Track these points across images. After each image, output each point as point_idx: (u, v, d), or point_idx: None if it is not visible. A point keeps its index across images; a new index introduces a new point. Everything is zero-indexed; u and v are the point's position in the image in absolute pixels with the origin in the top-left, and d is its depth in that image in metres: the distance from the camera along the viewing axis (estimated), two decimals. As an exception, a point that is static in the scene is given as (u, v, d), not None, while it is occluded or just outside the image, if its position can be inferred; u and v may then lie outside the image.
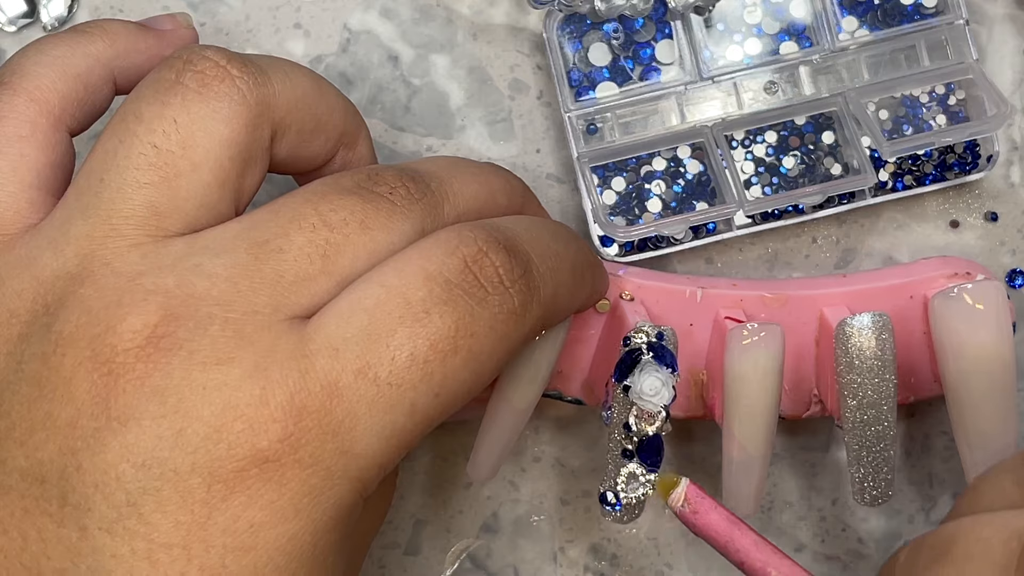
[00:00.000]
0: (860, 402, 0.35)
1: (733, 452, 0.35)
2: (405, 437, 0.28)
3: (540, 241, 0.31)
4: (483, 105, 0.40)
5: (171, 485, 0.26)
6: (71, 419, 0.27)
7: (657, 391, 0.34)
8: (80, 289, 0.28)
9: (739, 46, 0.39)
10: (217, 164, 0.30)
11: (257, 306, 0.28)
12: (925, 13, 0.39)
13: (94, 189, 0.29)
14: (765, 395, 0.35)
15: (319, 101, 0.32)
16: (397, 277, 0.28)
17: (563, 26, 0.39)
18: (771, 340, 0.35)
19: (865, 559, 0.41)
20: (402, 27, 0.40)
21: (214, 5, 0.40)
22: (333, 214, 0.29)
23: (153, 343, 0.27)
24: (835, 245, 0.40)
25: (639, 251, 0.39)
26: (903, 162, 0.39)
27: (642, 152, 0.39)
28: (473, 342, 0.28)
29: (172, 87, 0.30)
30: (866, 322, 0.35)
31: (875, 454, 0.35)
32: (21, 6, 0.40)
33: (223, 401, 0.27)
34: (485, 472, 0.36)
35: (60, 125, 0.32)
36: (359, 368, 0.27)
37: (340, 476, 0.27)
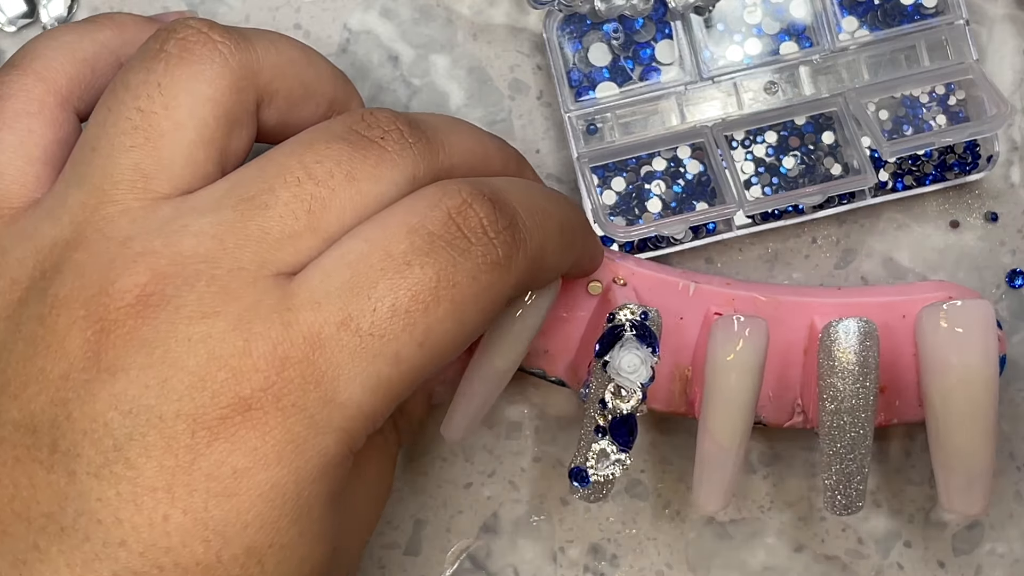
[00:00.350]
0: (838, 407, 0.34)
1: (706, 444, 0.35)
2: (392, 387, 0.28)
3: (528, 197, 0.31)
4: (483, 105, 0.40)
5: (156, 431, 0.27)
6: (64, 372, 0.28)
7: (636, 368, 0.34)
8: (75, 254, 0.29)
9: (739, 46, 0.39)
10: (201, 123, 0.30)
11: (242, 263, 0.28)
12: (925, 13, 0.39)
13: (87, 158, 0.30)
14: (744, 389, 0.35)
15: (307, 68, 0.33)
16: (380, 231, 0.29)
17: (563, 26, 0.39)
18: (755, 334, 0.34)
19: (865, 559, 0.41)
20: (402, 27, 0.40)
21: (214, 5, 0.40)
22: (318, 166, 0.30)
23: (143, 300, 0.28)
24: (835, 245, 0.40)
25: (639, 251, 0.39)
26: (903, 162, 0.39)
27: (642, 152, 0.39)
28: (456, 292, 0.29)
29: (156, 55, 0.31)
30: (852, 327, 0.34)
31: (848, 461, 0.35)
32: (21, 6, 0.40)
33: (207, 352, 0.27)
34: (459, 432, 0.36)
35: (67, 105, 0.33)
36: (341, 320, 0.28)
37: (324, 425, 0.28)
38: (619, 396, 0.34)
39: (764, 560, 0.41)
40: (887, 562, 0.41)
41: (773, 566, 0.41)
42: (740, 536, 0.41)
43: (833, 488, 0.35)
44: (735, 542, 0.41)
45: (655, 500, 0.40)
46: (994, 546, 0.41)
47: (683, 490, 0.40)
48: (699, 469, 0.35)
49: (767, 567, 0.41)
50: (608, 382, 0.34)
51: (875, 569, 0.41)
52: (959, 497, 0.35)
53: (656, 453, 0.40)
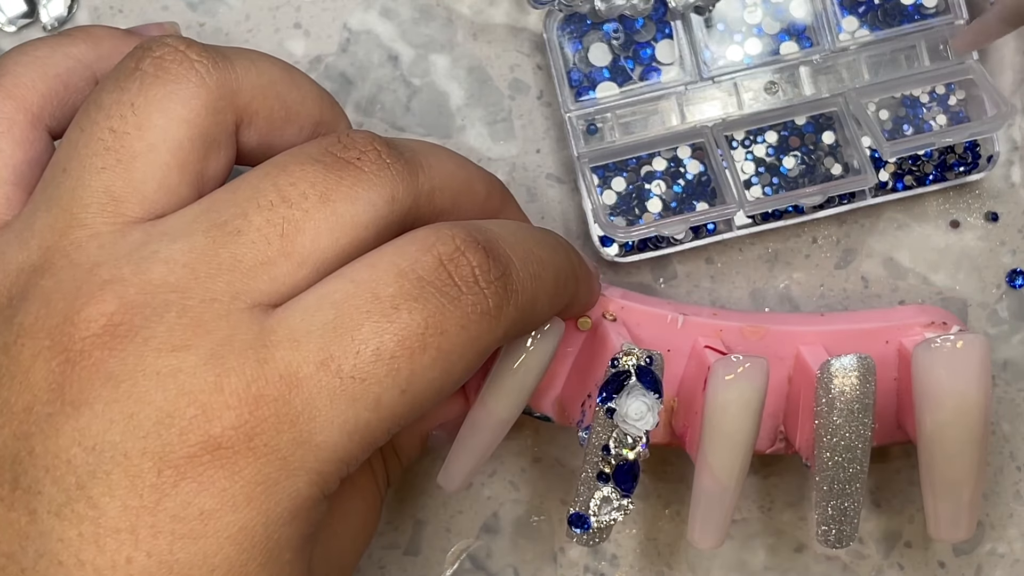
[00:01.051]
0: (836, 444, 0.34)
1: (705, 481, 0.34)
2: (369, 433, 0.28)
3: (523, 245, 0.31)
4: (483, 105, 0.40)
5: (121, 469, 0.26)
6: (27, 405, 0.27)
7: (642, 416, 0.33)
8: (41, 281, 0.28)
9: (739, 46, 0.39)
10: (175, 144, 0.29)
11: (215, 293, 0.28)
12: (925, 13, 0.39)
13: (57, 180, 0.29)
14: (744, 428, 0.34)
15: (290, 89, 0.32)
16: (368, 272, 0.28)
17: (563, 26, 0.39)
18: (756, 373, 0.34)
19: (865, 559, 0.41)
20: (402, 27, 0.40)
21: (214, 5, 0.40)
22: (292, 188, 0.29)
23: (109, 331, 0.27)
24: (835, 245, 0.40)
25: (639, 251, 0.39)
26: (903, 162, 0.39)
27: (642, 152, 0.39)
28: (443, 340, 0.28)
29: (131, 74, 0.30)
30: (850, 364, 0.34)
31: (845, 497, 0.35)
32: (21, 6, 0.40)
33: (176, 387, 0.26)
34: (457, 482, 0.35)
35: (38, 123, 0.32)
36: (322, 360, 0.27)
37: (297, 467, 0.27)
38: (624, 444, 0.34)
39: (764, 560, 0.41)
40: (887, 562, 0.41)
41: (773, 566, 0.41)
42: (740, 536, 0.40)
43: (828, 523, 0.35)
44: (735, 542, 0.41)
45: (655, 500, 0.40)
46: (994, 546, 0.41)
47: (683, 490, 0.40)
48: (696, 506, 0.35)
49: (767, 567, 0.41)
50: (612, 429, 0.33)
51: (875, 569, 0.41)
52: (946, 526, 0.35)
53: (657, 453, 0.40)
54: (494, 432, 0.34)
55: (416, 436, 0.36)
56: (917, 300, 0.40)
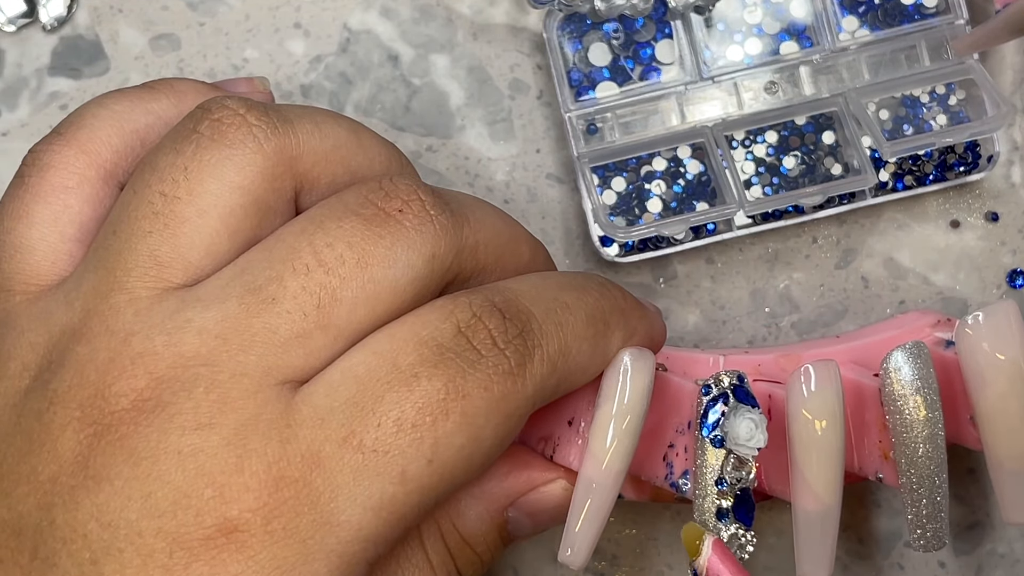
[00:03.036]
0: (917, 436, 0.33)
1: (808, 504, 0.32)
2: (397, 508, 0.27)
3: (545, 296, 0.30)
4: (483, 105, 0.40)
5: (134, 547, 0.26)
6: (52, 475, 0.27)
7: (752, 434, 0.31)
8: (77, 347, 0.28)
9: (739, 46, 0.39)
10: (227, 211, 0.28)
11: (246, 367, 0.27)
12: (926, 13, 0.39)
13: (108, 242, 0.29)
14: (835, 435, 0.32)
15: (355, 152, 0.31)
16: (388, 343, 0.27)
17: (563, 26, 0.39)
18: (831, 376, 0.32)
19: (865, 559, 0.41)
20: (402, 27, 0.40)
21: (214, 5, 0.40)
22: (329, 250, 0.28)
23: (137, 407, 0.27)
24: (835, 245, 0.40)
25: (639, 251, 0.39)
26: (903, 162, 0.39)
27: (642, 152, 0.39)
28: (466, 404, 0.27)
29: (188, 136, 0.29)
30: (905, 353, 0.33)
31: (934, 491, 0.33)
32: (20, 6, 0.40)
33: (196, 467, 0.26)
34: (583, 556, 0.31)
35: (111, 180, 0.31)
36: (343, 436, 0.26)
37: (317, 549, 0.26)
38: (740, 469, 0.32)
39: (764, 560, 0.41)
40: (887, 562, 0.41)
41: (773, 566, 0.41)
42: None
43: (922, 525, 0.33)
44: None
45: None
46: (994, 546, 0.41)
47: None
48: (802, 535, 0.33)
49: (767, 567, 0.41)
50: (725, 457, 0.31)
51: (875, 569, 0.41)
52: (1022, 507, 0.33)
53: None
54: (612, 488, 0.31)
55: (485, 520, 0.32)
56: (917, 300, 0.40)
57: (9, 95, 0.40)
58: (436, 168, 0.40)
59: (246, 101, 0.29)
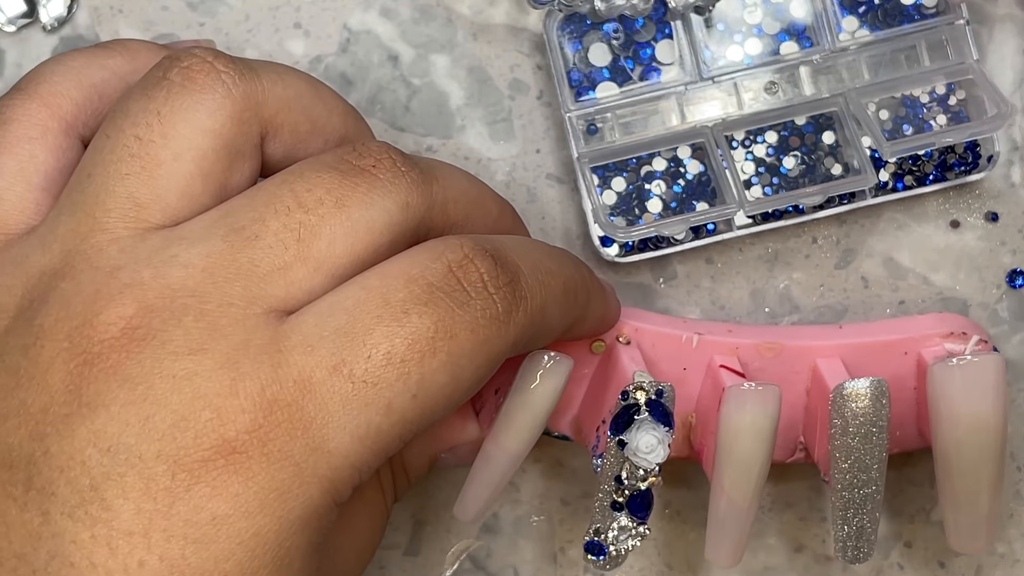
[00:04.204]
0: (852, 465, 0.34)
1: (721, 504, 0.35)
2: (381, 439, 0.28)
3: (531, 256, 0.31)
4: (483, 105, 0.40)
5: (135, 471, 0.26)
6: (43, 406, 0.27)
7: (653, 449, 0.33)
8: (61, 284, 0.28)
9: (739, 46, 0.39)
10: (200, 154, 0.29)
11: (232, 298, 0.28)
12: (926, 13, 0.39)
13: (82, 185, 0.30)
14: (758, 454, 0.34)
15: (315, 103, 0.32)
16: (379, 279, 0.28)
17: (563, 26, 0.39)
18: (768, 401, 0.34)
19: (865, 559, 0.41)
20: (402, 27, 0.40)
21: (214, 5, 0.40)
22: (308, 194, 0.29)
23: (127, 334, 0.27)
24: (835, 245, 0.40)
25: (639, 251, 0.39)
26: (903, 162, 0.39)
27: (642, 152, 0.39)
28: (453, 344, 0.28)
29: (158, 83, 0.30)
30: (863, 387, 0.34)
31: (862, 515, 0.35)
32: (20, 6, 0.40)
33: (192, 390, 0.27)
34: (471, 514, 0.35)
35: (71, 131, 0.32)
36: (334, 365, 0.27)
37: (310, 474, 0.27)
38: (636, 476, 0.34)
39: (764, 560, 0.41)
40: (887, 562, 0.41)
41: (773, 566, 0.41)
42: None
43: (845, 539, 0.35)
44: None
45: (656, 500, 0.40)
46: (994, 546, 0.41)
47: (683, 491, 0.40)
48: (713, 526, 0.35)
49: (767, 567, 0.41)
50: (624, 461, 0.34)
51: (875, 569, 0.41)
52: (966, 537, 0.36)
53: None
54: (506, 466, 0.34)
55: (425, 455, 0.35)
56: (917, 300, 0.40)
57: (9, 95, 0.40)
58: (436, 168, 0.40)
59: (213, 50, 0.31)
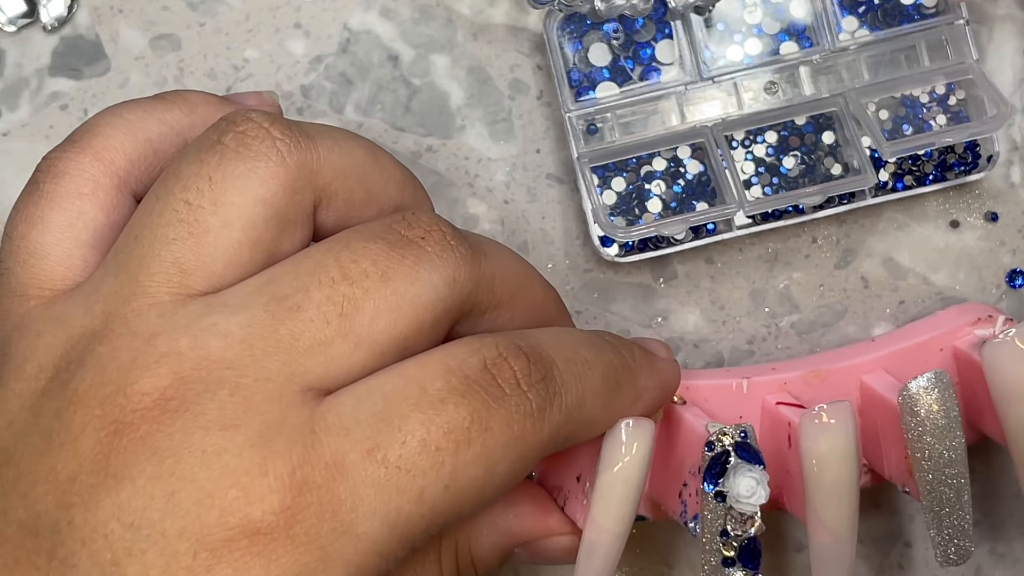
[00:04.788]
0: (936, 464, 0.34)
1: (823, 537, 0.34)
2: (410, 528, 0.27)
3: (566, 348, 0.30)
4: (483, 105, 0.40)
5: (157, 548, 0.26)
6: (72, 474, 0.26)
7: (753, 491, 0.33)
8: (98, 348, 0.28)
9: (739, 46, 0.39)
10: (250, 223, 0.29)
11: (270, 372, 0.27)
12: (925, 13, 0.39)
13: (129, 247, 0.29)
14: (848, 474, 0.34)
15: (372, 171, 0.32)
16: (417, 368, 0.28)
17: (563, 26, 0.39)
18: (844, 418, 0.34)
19: (865, 559, 0.41)
20: (402, 27, 0.40)
21: (214, 5, 0.40)
22: (354, 265, 0.28)
23: (160, 405, 0.27)
24: (835, 245, 0.40)
25: (639, 251, 0.39)
26: (903, 162, 0.39)
27: (642, 152, 0.39)
28: (487, 437, 0.28)
29: (212, 147, 0.29)
30: (928, 383, 0.34)
31: (957, 511, 0.34)
32: (21, 6, 0.40)
33: (221, 467, 0.26)
34: None
35: (124, 187, 0.31)
36: (368, 449, 0.27)
37: (336, 558, 0.26)
38: (742, 523, 0.33)
39: (764, 560, 0.40)
40: (887, 562, 0.41)
41: (773, 566, 0.41)
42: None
43: (947, 542, 0.35)
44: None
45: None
46: (994, 546, 0.41)
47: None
48: (819, 565, 0.35)
49: (767, 567, 0.41)
50: (727, 512, 0.33)
51: (875, 569, 0.41)
52: None
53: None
54: (613, 549, 0.33)
55: (497, 549, 0.34)
56: (917, 300, 0.40)
57: (9, 95, 0.40)
58: (436, 168, 0.40)
59: (270, 115, 0.30)
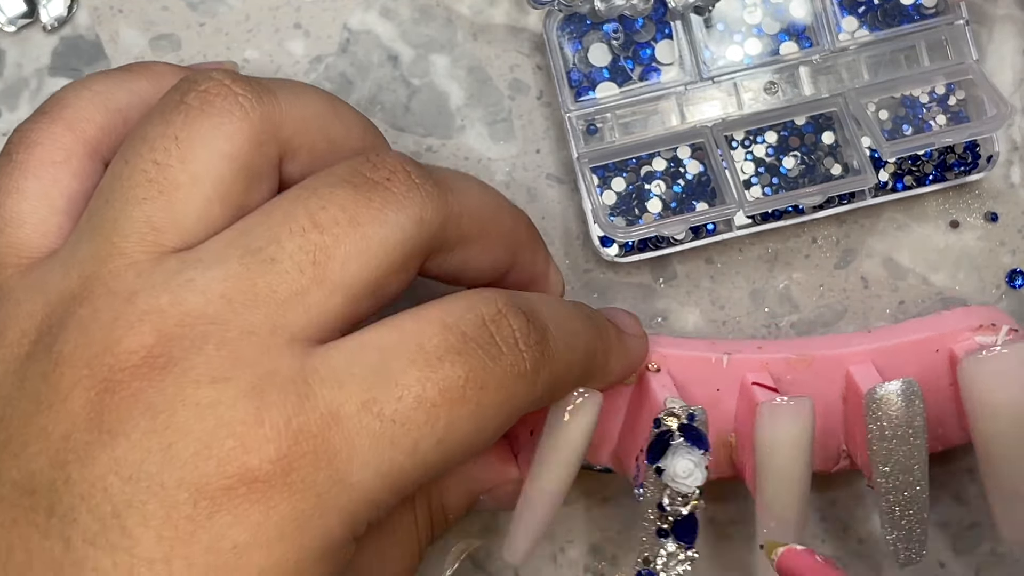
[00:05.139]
0: (893, 468, 0.34)
1: (769, 522, 0.35)
2: (402, 478, 0.28)
3: (558, 316, 0.31)
4: (483, 105, 0.40)
5: (157, 499, 0.26)
6: (65, 433, 0.27)
7: (690, 472, 0.33)
8: (79, 310, 0.28)
9: (739, 46, 0.39)
10: (218, 178, 0.29)
11: (253, 326, 0.28)
12: (925, 13, 0.39)
13: (100, 210, 0.30)
14: (797, 466, 0.34)
15: (333, 121, 0.32)
16: (414, 323, 0.29)
17: (563, 26, 0.39)
18: (802, 413, 0.34)
19: (865, 559, 0.41)
20: (402, 27, 0.40)
21: (214, 5, 0.40)
22: (323, 212, 0.29)
23: (148, 362, 0.27)
24: (835, 245, 0.40)
25: (639, 251, 0.39)
26: (903, 162, 0.39)
27: (642, 152, 0.39)
28: (482, 395, 0.28)
29: (176, 107, 0.30)
30: (895, 389, 0.34)
31: (910, 517, 0.35)
32: (20, 6, 0.40)
33: (216, 418, 0.26)
34: (520, 556, 0.35)
35: (96, 155, 0.32)
36: (364, 401, 0.27)
37: (331, 505, 0.27)
38: (677, 501, 0.34)
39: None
40: (887, 562, 0.41)
41: (773, 566, 0.41)
42: (740, 536, 0.40)
43: (896, 543, 0.35)
44: (735, 542, 0.40)
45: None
46: (994, 546, 0.41)
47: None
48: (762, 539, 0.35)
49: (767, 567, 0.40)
50: (664, 488, 0.34)
51: (875, 569, 0.41)
52: (1018, 529, 0.35)
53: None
54: (548, 507, 0.34)
55: (464, 497, 0.36)
56: (917, 300, 0.40)
57: (9, 95, 0.40)
58: (436, 168, 0.40)
59: (230, 73, 0.31)
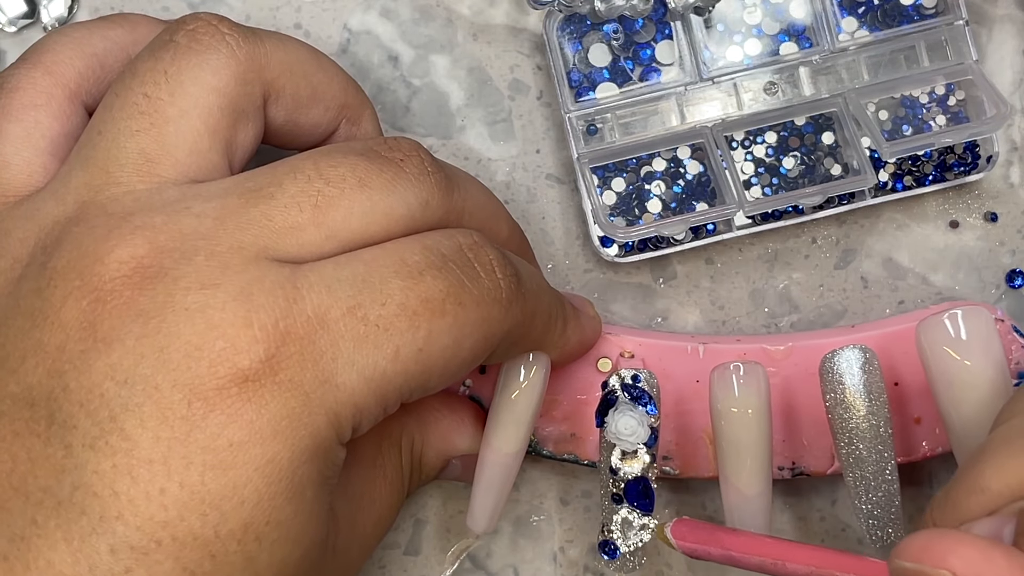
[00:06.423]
0: (852, 436, 0.34)
1: (731, 498, 0.34)
2: (384, 383, 0.29)
3: (527, 270, 0.33)
4: (483, 105, 0.40)
5: (152, 401, 0.27)
6: (60, 344, 0.28)
7: (633, 430, 0.34)
8: (74, 229, 0.29)
9: (739, 47, 0.39)
10: (206, 111, 0.31)
11: (243, 243, 0.29)
12: (925, 13, 0.39)
13: (93, 141, 0.31)
14: (752, 433, 0.34)
15: (316, 70, 0.33)
16: (394, 243, 0.30)
17: (563, 26, 0.39)
18: (753, 375, 0.34)
19: (865, 559, 0.41)
20: (402, 27, 0.40)
21: (214, 5, 0.40)
22: (332, 169, 0.30)
23: (139, 272, 0.28)
24: (835, 245, 0.40)
25: (639, 251, 0.39)
26: (903, 162, 0.39)
27: (642, 153, 0.39)
28: (460, 311, 0.29)
29: (165, 45, 0.31)
30: (848, 354, 0.34)
31: (875, 490, 0.34)
32: (21, 6, 0.40)
33: (205, 321, 0.27)
34: (482, 523, 0.36)
35: (75, 99, 0.33)
36: (350, 306, 0.28)
37: (318, 404, 0.28)
38: (625, 459, 0.34)
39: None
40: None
41: (773, 566, 0.41)
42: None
43: (870, 519, 0.35)
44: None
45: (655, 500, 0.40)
46: (993, 546, 0.41)
47: (681, 490, 0.40)
48: (732, 523, 0.35)
49: (767, 567, 0.41)
50: (612, 448, 0.34)
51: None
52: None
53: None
54: (504, 468, 0.35)
55: (439, 457, 0.36)
56: (917, 300, 0.40)
57: (10, 95, 0.40)
58: (436, 168, 0.40)
59: (217, 15, 0.32)
